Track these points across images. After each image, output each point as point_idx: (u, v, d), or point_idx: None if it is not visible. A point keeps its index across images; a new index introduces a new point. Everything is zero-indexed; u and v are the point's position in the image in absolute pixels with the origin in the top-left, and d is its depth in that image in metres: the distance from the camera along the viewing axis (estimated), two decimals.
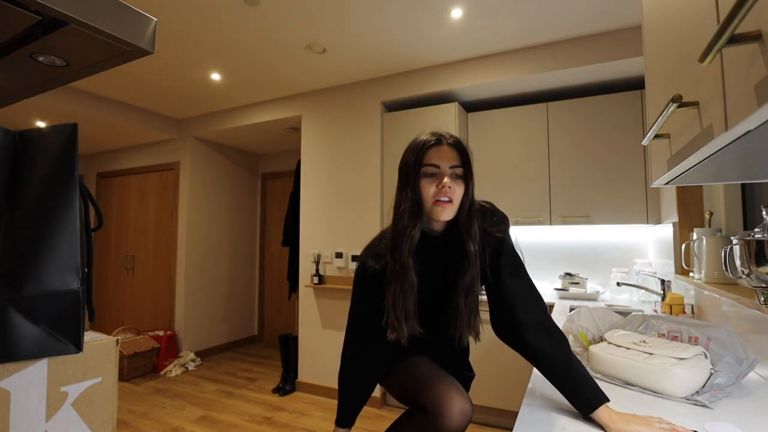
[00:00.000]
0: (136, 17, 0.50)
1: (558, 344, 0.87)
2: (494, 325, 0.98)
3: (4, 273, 0.52)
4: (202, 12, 2.10)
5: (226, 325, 4.21)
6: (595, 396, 0.77)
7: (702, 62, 0.39)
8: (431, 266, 0.95)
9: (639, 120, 2.40)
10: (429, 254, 0.94)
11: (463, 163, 0.90)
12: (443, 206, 0.88)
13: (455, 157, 0.90)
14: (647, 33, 0.90)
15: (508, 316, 0.93)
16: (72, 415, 0.57)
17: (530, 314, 0.91)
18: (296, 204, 3.34)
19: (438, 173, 0.89)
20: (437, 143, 0.91)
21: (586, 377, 0.80)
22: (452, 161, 0.89)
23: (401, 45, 2.45)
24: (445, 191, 0.87)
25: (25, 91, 0.64)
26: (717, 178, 0.83)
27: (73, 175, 0.55)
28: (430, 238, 0.96)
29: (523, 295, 0.93)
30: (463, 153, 0.91)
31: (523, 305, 0.92)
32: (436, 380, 0.94)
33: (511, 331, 0.92)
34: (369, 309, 0.98)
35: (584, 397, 0.77)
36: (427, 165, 0.89)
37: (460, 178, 0.90)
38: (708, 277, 1.46)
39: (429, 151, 0.90)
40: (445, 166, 0.89)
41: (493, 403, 2.43)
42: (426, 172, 0.90)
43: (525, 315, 0.90)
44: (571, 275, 2.62)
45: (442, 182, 0.87)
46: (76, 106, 3.13)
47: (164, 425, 2.54)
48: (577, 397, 0.78)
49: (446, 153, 0.90)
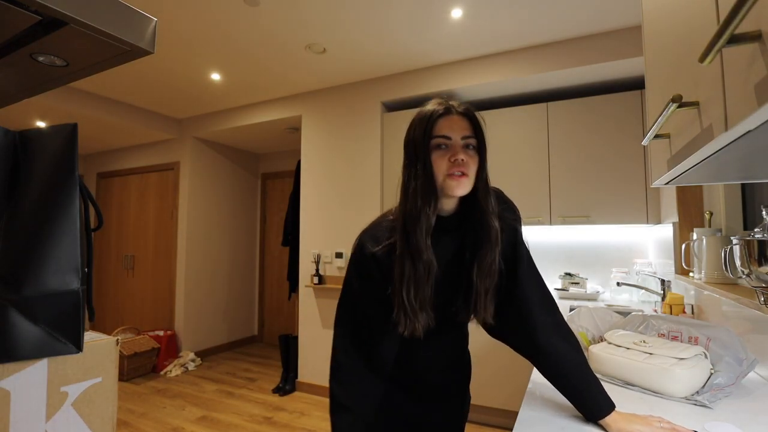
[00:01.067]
0: (136, 17, 0.50)
1: (574, 348, 0.82)
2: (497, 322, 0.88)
3: (4, 273, 0.52)
4: (202, 12, 2.10)
5: (226, 325, 4.21)
6: (605, 403, 0.75)
7: (702, 62, 0.39)
8: (441, 251, 0.85)
9: (639, 120, 2.40)
10: (438, 238, 0.85)
11: (476, 133, 0.82)
12: (458, 180, 0.79)
13: (467, 127, 0.81)
14: (647, 33, 0.90)
15: (520, 314, 0.85)
16: (72, 415, 0.57)
17: (547, 314, 0.85)
18: (296, 204, 3.34)
19: (450, 145, 0.80)
20: (446, 113, 0.82)
21: (596, 383, 0.78)
22: (464, 131, 0.81)
23: (401, 45, 2.45)
24: (459, 164, 0.78)
25: (25, 91, 0.64)
26: (717, 178, 0.83)
27: (73, 175, 0.55)
28: (440, 219, 0.86)
29: (540, 293, 0.87)
30: (474, 122, 0.83)
31: (539, 303, 0.85)
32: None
33: (522, 330, 0.85)
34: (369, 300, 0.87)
35: (596, 404, 0.75)
36: (437, 137, 0.80)
37: (474, 149, 0.82)
38: (708, 277, 1.46)
39: (438, 121, 0.81)
40: (456, 137, 0.80)
41: (493, 403, 2.43)
42: (436, 144, 0.81)
43: (541, 314, 0.84)
44: (571, 275, 2.62)
45: (455, 155, 0.79)
46: (76, 106, 3.13)
47: (164, 425, 2.54)
48: (587, 404, 0.76)
49: (457, 123, 0.81)
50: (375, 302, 0.86)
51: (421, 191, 0.80)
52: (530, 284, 0.86)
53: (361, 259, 0.86)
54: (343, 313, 0.89)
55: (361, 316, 0.87)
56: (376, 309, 0.86)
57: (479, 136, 0.82)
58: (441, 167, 0.80)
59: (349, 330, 0.88)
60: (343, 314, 0.89)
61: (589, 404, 0.76)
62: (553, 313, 0.85)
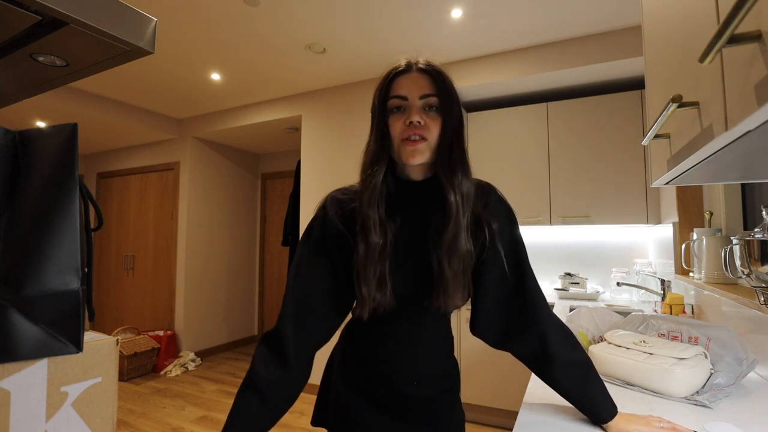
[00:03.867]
0: (136, 17, 0.50)
1: (582, 354, 0.77)
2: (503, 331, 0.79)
3: (4, 273, 0.52)
4: (202, 12, 2.10)
5: (226, 325, 4.21)
6: (610, 406, 0.73)
7: (702, 62, 0.39)
8: (409, 220, 0.76)
9: (639, 120, 2.40)
10: (405, 205, 0.76)
11: (438, 92, 0.72)
12: (413, 145, 0.70)
13: (427, 85, 0.72)
14: (647, 33, 0.90)
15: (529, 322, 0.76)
16: (72, 415, 0.57)
17: (553, 320, 0.78)
18: (296, 204, 3.34)
19: (406, 107, 0.71)
20: (406, 70, 0.73)
21: (602, 387, 0.75)
22: (423, 89, 0.71)
23: (401, 45, 2.45)
24: (414, 127, 0.70)
25: (25, 91, 0.64)
26: (717, 178, 0.83)
27: (73, 175, 0.55)
28: (408, 185, 0.76)
29: (544, 298, 0.79)
30: (437, 78, 0.73)
31: (546, 310, 0.77)
32: None
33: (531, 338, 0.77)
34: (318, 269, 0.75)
35: (602, 408, 0.73)
36: (394, 97, 0.72)
37: (436, 111, 0.72)
38: (708, 277, 1.46)
39: (396, 80, 0.73)
40: (414, 97, 0.71)
41: (493, 403, 2.43)
42: (392, 105, 0.72)
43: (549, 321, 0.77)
44: (571, 275, 2.62)
45: (410, 116, 0.70)
46: (76, 106, 3.13)
47: (164, 425, 2.54)
48: (593, 409, 0.74)
49: (416, 80, 0.72)
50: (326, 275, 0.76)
51: (371, 156, 0.74)
52: (536, 290, 0.78)
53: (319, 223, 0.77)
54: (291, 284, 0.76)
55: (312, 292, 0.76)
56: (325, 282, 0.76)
57: (443, 95, 0.72)
58: (396, 130, 0.72)
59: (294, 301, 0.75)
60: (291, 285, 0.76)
61: (596, 409, 0.74)
62: (557, 318, 0.80)
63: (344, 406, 0.81)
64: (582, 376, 0.75)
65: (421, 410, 0.79)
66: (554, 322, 0.78)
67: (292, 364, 0.72)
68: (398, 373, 0.79)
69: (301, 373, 0.74)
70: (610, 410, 0.73)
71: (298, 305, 0.75)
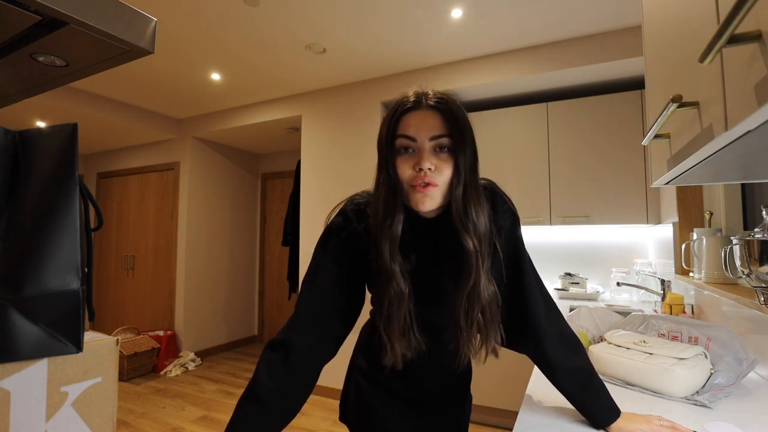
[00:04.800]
0: (136, 17, 0.50)
1: (582, 359, 0.76)
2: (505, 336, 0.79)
3: (4, 273, 0.52)
4: (202, 12, 2.10)
5: (226, 325, 4.21)
6: (612, 410, 0.73)
7: (702, 62, 0.39)
8: (422, 258, 0.73)
9: (639, 120, 2.40)
10: (418, 243, 0.73)
11: (451, 131, 0.66)
12: (423, 192, 0.66)
13: (438, 124, 0.66)
14: (647, 33, 0.90)
15: (526, 328, 0.76)
16: (72, 415, 0.57)
17: (553, 324, 0.77)
18: (296, 204, 3.34)
19: (415, 148, 0.66)
20: (415, 106, 0.67)
21: (604, 392, 0.74)
22: (433, 130, 0.66)
23: (401, 45, 2.45)
24: (423, 175, 0.65)
25: (25, 91, 0.64)
26: (717, 178, 0.83)
27: (73, 175, 0.55)
28: (419, 221, 0.72)
29: (545, 303, 0.78)
30: (449, 116, 0.67)
31: (546, 315, 0.77)
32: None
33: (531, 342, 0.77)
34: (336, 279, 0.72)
35: (605, 412, 0.73)
36: (401, 137, 0.67)
37: (447, 152, 0.66)
38: (708, 277, 1.46)
39: (404, 117, 0.68)
40: (423, 139, 0.66)
41: (493, 403, 2.43)
42: (400, 145, 0.67)
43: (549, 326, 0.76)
44: (571, 275, 2.62)
45: (419, 162, 0.65)
46: (76, 106, 3.13)
47: (164, 425, 2.54)
48: (596, 414, 0.73)
49: (425, 120, 0.66)
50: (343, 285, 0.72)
51: (384, 204, 0.69)
52: (535, 296, 0.77)
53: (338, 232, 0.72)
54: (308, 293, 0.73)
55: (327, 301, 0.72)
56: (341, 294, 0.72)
57: (455, 135, 0.66)
58: (405, 175, 0.67)
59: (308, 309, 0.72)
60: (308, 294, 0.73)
61: (599, 414, 0.73)
62: (558, 321, 0.78)
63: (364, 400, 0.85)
64: (583, 382, 0.75)
65: (437, 398, 0.85)
66: (553, 326, 0.77)
67: (299, 375, 0.69)
68: (419, 374, 0.82)
69: (308, 384, 0.71)
70: (612, 415, 0.72)
71: (313, 314, 0.71)
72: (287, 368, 0.68)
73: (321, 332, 0.71)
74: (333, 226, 0.75)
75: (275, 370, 0.68)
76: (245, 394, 0.67)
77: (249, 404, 0.66)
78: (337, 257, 0.73)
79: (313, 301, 0.72)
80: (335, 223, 0.74)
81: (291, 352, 0.68)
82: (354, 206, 0.74)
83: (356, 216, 0.73)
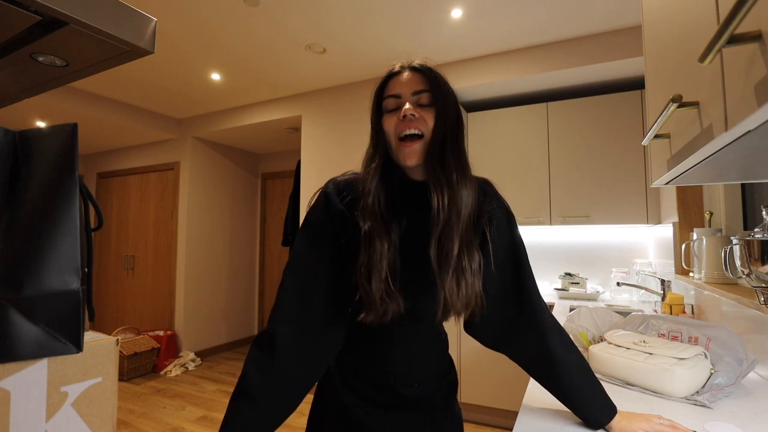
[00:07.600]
0: (136, 17, 0.50)
1: (579, 358, 0.76)
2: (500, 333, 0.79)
3: (4, 273, 0.52)
4: (202, 12, 2.10)
5: (226, 325, 4.21)
6: (609, 409, 0.73)
7: (702, 62, 0.39)
8: (414, 223, 0.73)
9: (639, 120, 2.40)
10: (411, 208, 0.73)
11: (431, 87, 0.71)
12: (409, 146, 0.69)
13: (420, 81, 0.71)
14: (647, 33, 0.90)
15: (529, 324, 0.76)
16: (72, 415, 0.57)
17: (552, 322, 0.77)
18: (296, 204, 3.34)
19: (401, 104, 0.71)
20: (399, 71, 0.73)
21: (600, 390, 0.74)
22: (416, 86, 0.71)
23: (401, 45, 2.45)
24: (408, 122, 0.68)
25: (25, 91, 0.64)
26: (717, 178, 0.83)
27: (73, 175, 0.55)
28: (412, 186, 0.74)
29: (542, 299, 0.78)
30: (430, 75, 0.71)
31: (546, 311, 0.77)
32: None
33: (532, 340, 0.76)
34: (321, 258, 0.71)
35: (601, 412, 0.72)
36: (388, 97, 0.72)
37: (430, 106, 0.70)
38: (708, 277, 1.46)
39: (390, 81, 0.73)
40: (407, 94, 0.71)
41: (493, 403, 2.43)
42: (387, 106, 0.72)
43: (549, 323, 0.76)
44: (571, 275, 2.62)
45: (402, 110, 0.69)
46: (76, 106, 3.13)
47: (164, 425, 2.54)
48: (593, 414, 0.73)
49: (409, 79, 0.71)
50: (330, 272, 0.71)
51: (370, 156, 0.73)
52: (535, 292, 0.77)
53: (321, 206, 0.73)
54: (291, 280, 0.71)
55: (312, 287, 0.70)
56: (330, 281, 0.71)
57: (435, 89, 0.71)
58: (391, 128, 0.71)
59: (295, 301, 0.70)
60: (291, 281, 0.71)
61: (597, 413, 0.73)
62: (554, 320, 0.79)
63: (343, 407, 0.78)
64: (583, 380, 0.74)
65: (419, 405, 0.78)
66: (553, 324, 0.77)
67: (288, 367, 0.66)
68: (396, 376, 0.77)
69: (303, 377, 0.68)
70: (610, 413, 0.72)
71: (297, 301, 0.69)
72: (274, 361, 0.66)
73: (307, 319, 0.69)
74: (314, 207, 0.75)
75: (262, 363, 0.66)
76: (235, 393, 0.65)
77: (239, 401, 0.65)
78: (320, 239, 0.72)
79: (296, 286, 0.70)
80: (316, 204, 0.74)
81: (276, 343, 0.66)
82: (334, 185, 0.75)
83: (337, 194, 0.73)
